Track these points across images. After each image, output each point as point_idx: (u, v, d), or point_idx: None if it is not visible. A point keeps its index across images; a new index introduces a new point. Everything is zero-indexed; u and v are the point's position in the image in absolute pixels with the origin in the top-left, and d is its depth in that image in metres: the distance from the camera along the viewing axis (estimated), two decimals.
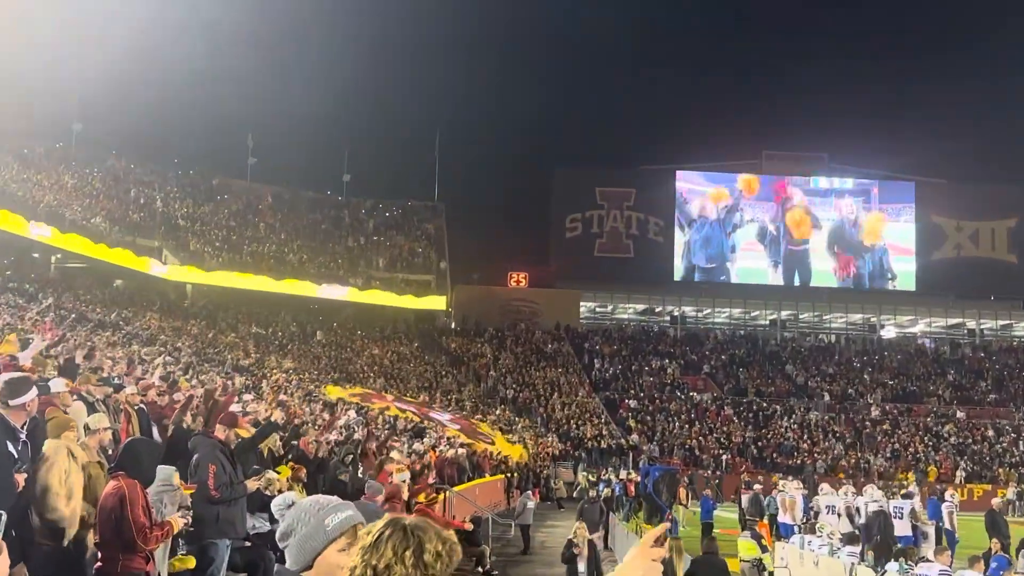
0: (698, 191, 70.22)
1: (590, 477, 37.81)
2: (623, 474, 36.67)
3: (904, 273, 69.58)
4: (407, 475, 13.23)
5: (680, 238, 69.43)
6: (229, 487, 8.38)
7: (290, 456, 13.52)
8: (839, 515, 18.91)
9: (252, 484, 9.00)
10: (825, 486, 21.63)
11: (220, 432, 8.84)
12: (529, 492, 25.86)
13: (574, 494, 37.73)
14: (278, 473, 11.80)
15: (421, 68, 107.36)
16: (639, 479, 31.85)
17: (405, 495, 12.57)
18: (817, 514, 19.52)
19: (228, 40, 69.10)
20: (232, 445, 8.99)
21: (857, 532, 17.94)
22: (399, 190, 71.15)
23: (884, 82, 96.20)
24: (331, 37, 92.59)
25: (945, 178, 70.23)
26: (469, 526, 13.56)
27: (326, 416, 21.31)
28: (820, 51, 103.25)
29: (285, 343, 50.27)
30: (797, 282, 69.31)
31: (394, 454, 17.01)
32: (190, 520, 7.22)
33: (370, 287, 58.19)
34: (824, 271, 69.75)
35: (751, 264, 69.38)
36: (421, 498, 13.49)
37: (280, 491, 11.04)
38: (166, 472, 7.55)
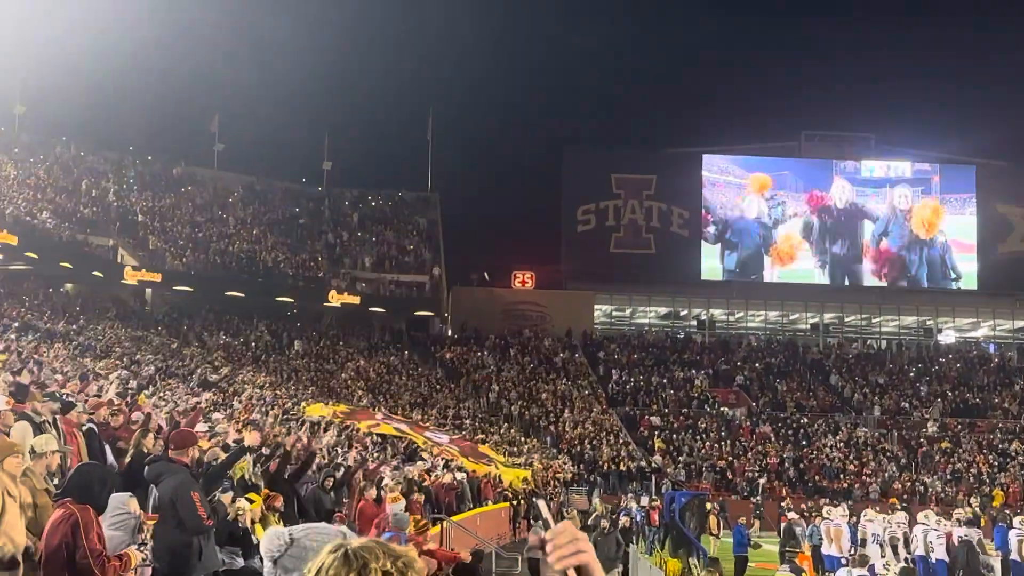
0: (729, 178, 70.24)
1: (605, 505, 37.77)
2: (644, 501, 36.64)
3: (965, 272, 69.52)
4: (402, 504, 13.27)
5: (708, 232, 69.42)
6: (213, 515, 8.52)
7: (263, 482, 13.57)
8: (881, 545, 18.92)
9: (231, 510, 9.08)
10: (869, 512, 21.60)
11: (183, 456, 8.86)
12: (539, 523, 25.74)
13: (589, 522, 37.70)
14: (250, 501, 11.82)
15: (410, 36, 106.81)
16: (663, 506, 31.78)
17: (412, 528, 12.57)
18: (865, 542, 19.53)
19: (191, 10, 69.24)
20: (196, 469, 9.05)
21: (911, 565, 17.94)
22: (387, 179, 71.38)
23: (933, 55, 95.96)
24: (307, 4, 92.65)
25: (1007, 160, 70.19)
26: (467, 557, 13.52)
27: (304, 439, 21.32)
28: (860, 20, 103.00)
29: (258, 355, 50.31)
30: (846, 282, 69.24)
31: (388, 480, 17.03)
32: (148, 554, 7.24)
33: (355, 290, 58.26)
34: (874, 269, 69.72)
35: (790, 261, 69.38)
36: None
37: (253, 521, 11.10)
38: (119, 499, 7.55)
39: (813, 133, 71.11)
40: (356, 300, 57.59)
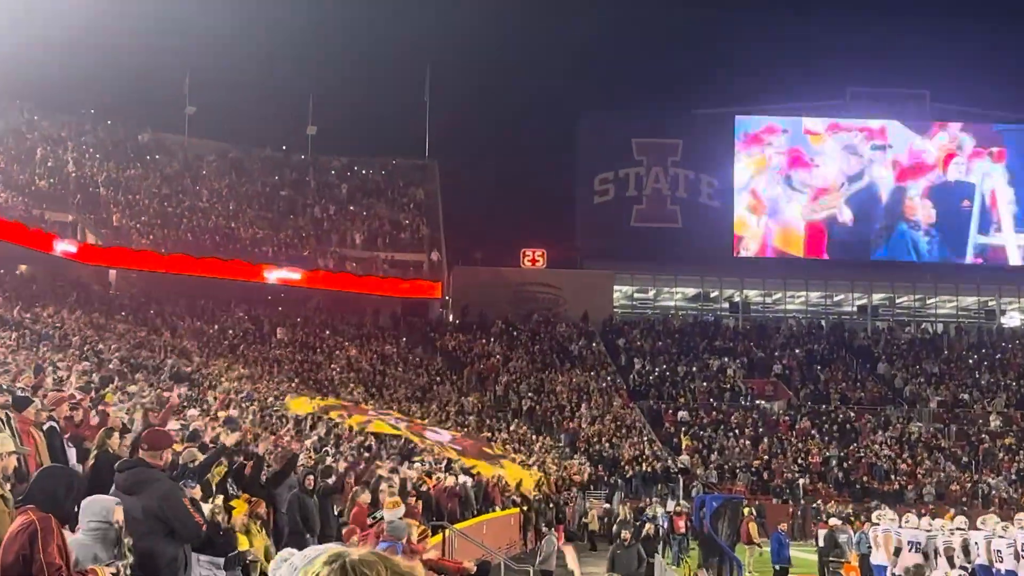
0: (764, 140, 70.06)
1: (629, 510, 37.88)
2: (671, 505, 36.70)
3: None
4: (401, 510, 13.34)
5: (742, 202, 69.29)
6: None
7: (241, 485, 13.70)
8: (926, 555, 18.91)
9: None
10: (911, 517, 21.58)
11: (156, 459, 8.90)
12: (553, 530, 25.68)
13: (614, 528, 37.83)
14: (231, 509, 11.93)
15: None
16: (691, 512, 31.79)
17: (415, 537, 12.59)
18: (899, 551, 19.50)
19: None
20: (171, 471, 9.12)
21: None
22: (379, 146, 70.75)
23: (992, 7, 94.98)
24: None
25: None
26: (472, 569, 13.54)
27: (284, 438, 21.45)
28: None
29: (236, 343, 50.50)
30: (897, 256, 69.13)
31: (384, 484, 17.08)
32: (123, 572, 7.17)
33: (343, 270, 58.34)
34: (929, 242, 69.60)
35: (837, 234, 69.30)
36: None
37: (234, 530, 11.22)
38: (101, 505, 7.37)
39: (860, 90, 70.71)
40: (345, 282, 57.66)
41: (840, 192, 70.05)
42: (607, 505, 41.58)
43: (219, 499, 11.42)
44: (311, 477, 15.41)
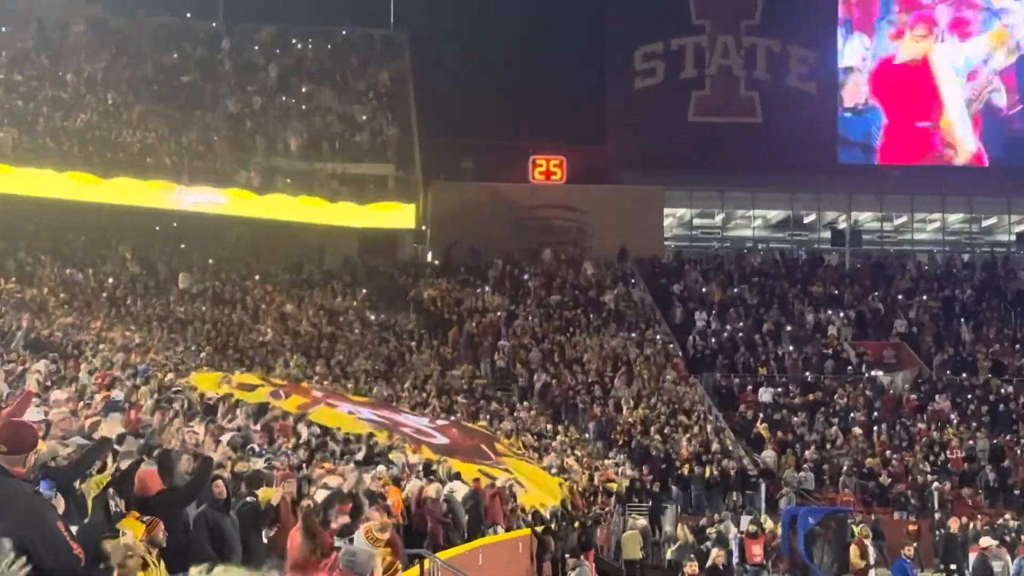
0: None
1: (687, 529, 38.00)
2: (745, 524, 36.70)
3: None
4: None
5: (852, 84, 68.89)
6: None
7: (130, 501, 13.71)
8: None
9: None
10: None
11: (18, 466, 8.82)
12: (583, 558, 25.52)
13: (668, 555, 37.99)
14: (119, 533, 11.87)
15: None
16: (776, 531, 31.82)
17: (379, 572, 12.73)
18: None
19: None
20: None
21: None
22: (324, 8, 70.42)
23: None
24: None
25: None
26: None
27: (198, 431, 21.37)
28: None
29: (121, 296, 50.38)
30: None
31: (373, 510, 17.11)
32: None
33: (273, 190, 58.21)
34: None
35: (990, 131, 69.17)
36: None
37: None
38: None
39: None
40: (278, 206, 57.51)
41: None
42: (656, 525, 41.68)
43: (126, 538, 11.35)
44: (220, 483, 15.27)
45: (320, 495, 17.75)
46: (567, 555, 30.99)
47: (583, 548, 33.47)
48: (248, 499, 16.15)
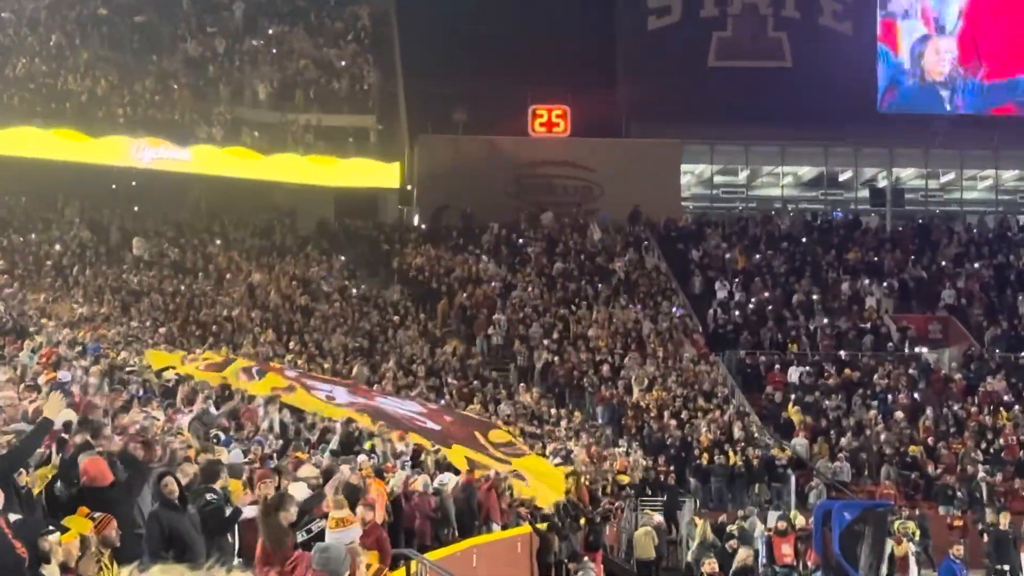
0: None
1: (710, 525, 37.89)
2: (773, 520, 36.64)
3: None
4: (351, 531, 13.75)
5: (898, 27, 68.63)
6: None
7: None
8: None
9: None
10: None
11: None
12: (586, 560, 25.23)
13: (688, 557, 37.98)
14: (63, 530, 11.79)
15: None
16: (809, 527, 31.68)
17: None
18: None
19: None
20: None
21: None
22: None
23: None
24: None
25: None
26: None
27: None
28: None
29: (67, 265, 50.36)
30: None
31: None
32: None
33: (239, 143, 58.01)
34: None
35: None
36: None
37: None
38: None
39: None
40: (244, 162, 57.39)
41: None
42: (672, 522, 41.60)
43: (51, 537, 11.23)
44: (170, 479, 15.05)
45: (294, 488, 17.58)
46: (568, 561, 30.73)
47: (590, 548, 33.43)
48: (209, 496, 15.78)
